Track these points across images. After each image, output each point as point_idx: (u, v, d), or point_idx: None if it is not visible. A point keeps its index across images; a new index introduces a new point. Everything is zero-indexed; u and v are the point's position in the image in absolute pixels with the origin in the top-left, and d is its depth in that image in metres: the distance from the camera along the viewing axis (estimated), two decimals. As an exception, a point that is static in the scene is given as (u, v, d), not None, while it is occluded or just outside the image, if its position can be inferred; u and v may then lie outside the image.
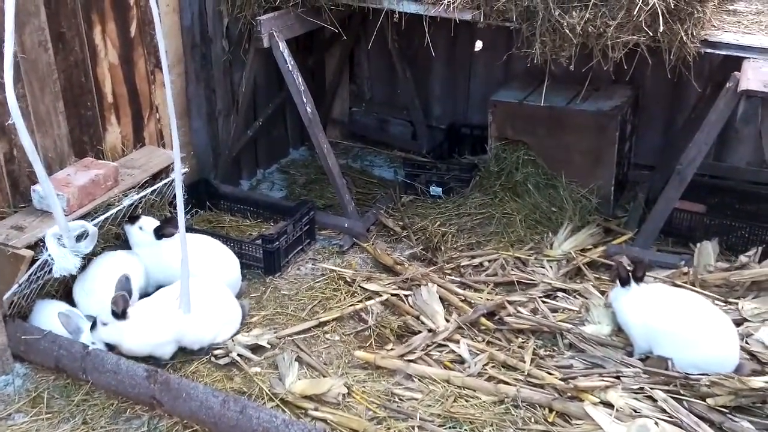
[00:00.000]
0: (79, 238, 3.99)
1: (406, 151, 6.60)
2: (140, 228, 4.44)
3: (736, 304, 4.35)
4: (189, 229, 4.94)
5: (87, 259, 4.21)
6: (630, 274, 4.12)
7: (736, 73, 4.35)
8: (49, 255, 3.87)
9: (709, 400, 3.64)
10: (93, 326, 3.95)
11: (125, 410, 3.77)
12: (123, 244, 4.57)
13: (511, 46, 4.91)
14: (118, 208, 4.34)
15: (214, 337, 4.18)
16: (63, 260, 3.87)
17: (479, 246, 5.21)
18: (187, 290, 3.95)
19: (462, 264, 4.96)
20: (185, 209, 5.08)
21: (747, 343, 4.04)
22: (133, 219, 4.45)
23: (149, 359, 4.01)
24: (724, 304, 4.37)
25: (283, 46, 5.09)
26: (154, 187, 4.57)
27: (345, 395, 3.82)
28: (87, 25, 4.54)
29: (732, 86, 4.33)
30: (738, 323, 4.14)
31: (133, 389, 3.73)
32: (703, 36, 4.46)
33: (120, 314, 3.88)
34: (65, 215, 4.12)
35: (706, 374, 3.74)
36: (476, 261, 5.01)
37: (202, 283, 4.18)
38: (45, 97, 4.30)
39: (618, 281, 4.16)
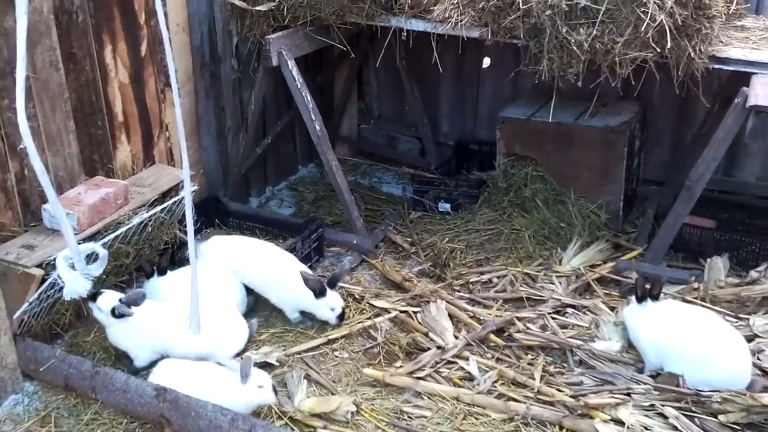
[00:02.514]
0: (90, 260, 4.00)
1: (414, 168, 6.61)
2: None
3: (747, 319, 4.32)
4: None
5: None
6: (645, 290, 4.09)
7: (744, 88, 4.34)
8: (60, 278, 3.88)
9: (721, 417, 3.61)
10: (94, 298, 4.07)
11: (134, 429, 3.76)
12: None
13: (519, 63, 4.93)
14: (128, 226, 4.36)
15: (207, 354, 4.12)
16: (74, 283, 3.88)
17: (488, 262, 5.21)
18: (196, 310, 3.95)
19: (471, 280, 4.95)
20: (195, 227, 5.13)
21: (759, 359, 4.01)
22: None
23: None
24: (734, 319, 4.34)
25: (291, 64, 5.13)
26: (164, 205, 4.59)
27: (354, 413, 3.80)
28: (98, 44, 4.59)
29: (740, 102, 4.33)
30: (749, 339, 4.11)
31: (142, 408, 3.73)
32: (711, 52, 4.47)
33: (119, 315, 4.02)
34: (75, 233, 4.15)
35: (718, 391, 3.70)
36: (485, 277, 5.00)
37: (203, 303, 4.15)
38: (56, 116, 4.34)
39: (635, 297, 4.14)
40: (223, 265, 4.69)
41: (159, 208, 4.55)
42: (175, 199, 4.64)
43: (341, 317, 4.52)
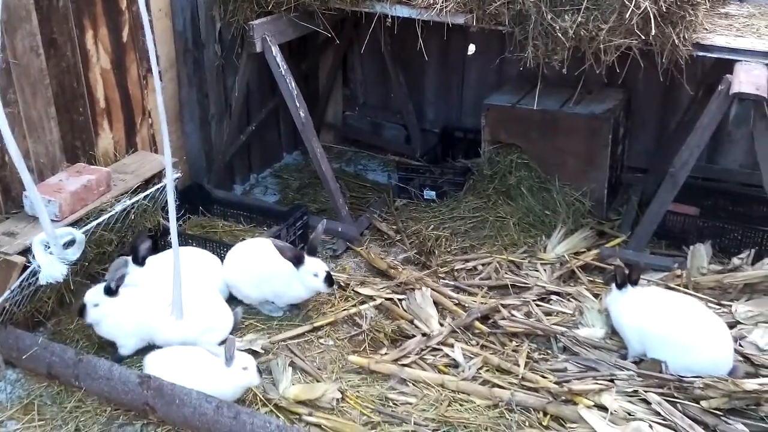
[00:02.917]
0: (67, 245, 3.97)
1: (399, 155, 6.60)
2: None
3: (730, 306, 4.36)
4: (180, 235, 4.95)
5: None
6: (625, 276, 4.12)
7: (728, 75, 4.36)
8: (36, 262, 3.84)
9: (704, 403, 3.64)
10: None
11: (118, 417, 3.75)
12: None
13: (504, 50, 4.91)
14: (111, 213, 4.32)
15: (193, 341, 4.08)
16: (50, 268, 3.84)
17: (473, 249, 5.21)
18: (179, 296, 3.93)
19: (456, 268, 4.96)
20: (178, 215, 5.10)
21: (740, 345, 4.04)
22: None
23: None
24: (717, 306, 4.37)
25: (275, 50, 5.09)
26: (147, 192, 4.55)
27: (339, 400, 3.80)
28: (79, 30, 4.52)
29: (724, 89, 4.34)
30: (731, 326, 4.15)
31: (125, 395, 3.71)
32: (695, 39, 4.48)
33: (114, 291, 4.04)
34: (57, 221, 4.11)
35: (700, 377, 3.74)
36: (470, 264, 5.01)
37: (187, 289, 4.13)
38: (37, 103, 4.28)
39: (614, 284, 4.17)
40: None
41: (142, 195, 4.51)
42: (158, 186, 4.60)
43: (329, 281, 4.32)
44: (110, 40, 4.75)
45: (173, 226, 3.87)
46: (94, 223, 4.24)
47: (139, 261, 4.38)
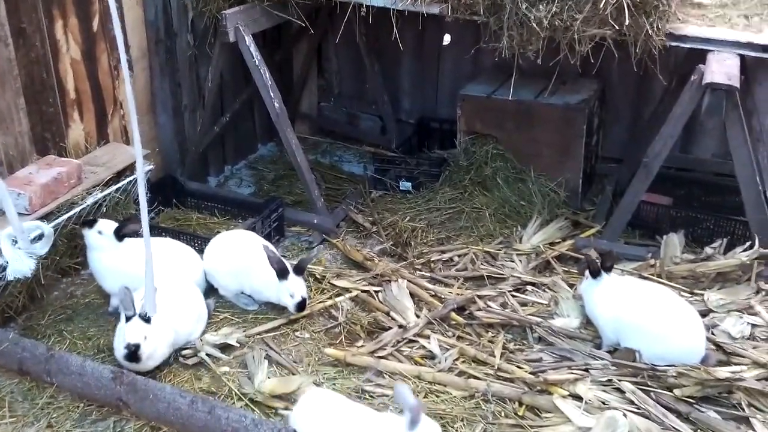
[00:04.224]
0: (35, 239, 3.90)
1: (375, 146, 6.57)
2: (99, 232, 4.24)
3: (702, 295, 4.40)
4: (153, 228, 4.89)
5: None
6: (599, 265, 4.15)
7: (700, 66, 4.39)
8: (3, 257, 3.78)
9: (676, 391, 3.68)
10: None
11: (91, 413, 3.69)
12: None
13: (479, 40, 4.90)
14: (82, 206, 4.27)
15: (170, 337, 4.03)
16: (17, 262, 3.79)
17: (449, 241, 5.21)
18: (152, 291, 3.88)
19: (432, 259, 4.96)
20: (151, 207, 5.04)
21: (713, 333, 4.08)
22: (90, 222, 4.25)
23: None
24: (690, 295, 4.42)
25: (249, 40, 5.03)
26: (119, 184, 4.51)
27: (315, 393, 3.79)
28: (48, 20, 4.45)
29: (697, 79, 4.37)
30: (704, 314, 4.19)
31: (99, 391, 3.67)
32: (669, 29, 4.50)
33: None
34: (28, 214, 4.05)
35: (673, 365, 3.77)
36: (446, 256, 5.01)
37: (162, 285, 4.07)
38: (5, 94, 4.21)
39: (588, 273, 4.19)
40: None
41: (114, 187, 4.47)
42: (131, 178, 4.56)
43: (301, 307, 4.29)
44: (80, 29, 4.68)
45: (145, 219, 3.80)
46: (65, 216, 4.19)
47: (119, 236, 4.29)
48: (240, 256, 4.46)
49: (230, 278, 4.51)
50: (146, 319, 3.77)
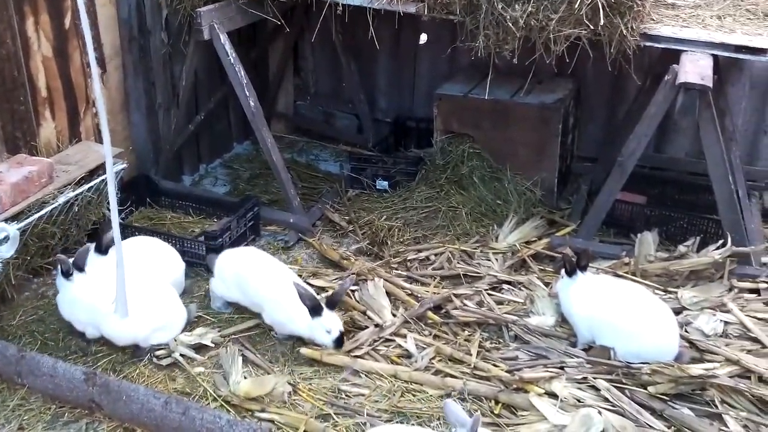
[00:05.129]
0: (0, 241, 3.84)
1: (351, 145, 6.55)
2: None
3: (676, 293, 4.45)
4: (127, 227, 4.85)
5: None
6: (575, 263, 4.17)
7: (674, 66, 4.42)
8: None
9: (651, 388, 3.71)
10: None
11: (63, 414, 3.65)
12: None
13: (456, 40, 4.90)
14: (54, 205, 4.21)
15: (143, 339, 4.02)
16: None
17: (425, 240, 5.21)
18: (123, 292, 3.83)
19: (408, 258, 4.95)
20: (124, 206, 4.99)
21: (686, 331, 4.13)
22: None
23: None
24: (663, 293, 4.46)
25: (224, 38, 4.99)
26: (91, 183, 4.44)
27: (291, 393, 3.76)
28: (19, 16, 4.38)
29: (670, 79, 4.40)
30: (677, 312, 4.23)
31: (71, 392, 3.62)
32: (643, 29, 4.53)
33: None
34: (-3, 213, 3.98)
35: (647, 363, 3.80)
36: (422, 255, 5.01)
37: (138, 286, 4.02)
38: (-26, 92, 4.14)
39: (564, 271, 4.21)
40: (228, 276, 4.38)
41: (86, 186, 4.41)
42: (103, 177, 4.47)
43: (339, 343, 4.04)
44: (52, 27, 4.61)
45: (115, 219, 3.74)
46: (36, 215, 4.12)
47: (102, 250, 4.24)
48: (260, 280, 4.22)
49: (236, 292, 4.31)
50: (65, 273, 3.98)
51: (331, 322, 4.02)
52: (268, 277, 4.23)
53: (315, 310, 3.98)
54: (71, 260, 4.04)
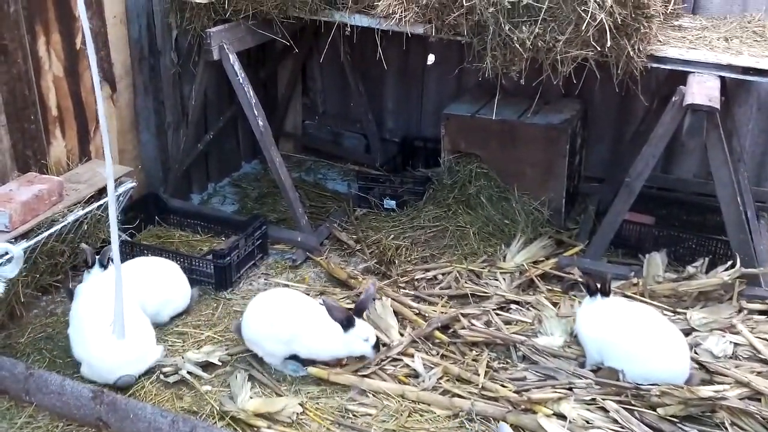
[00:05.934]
0: (3, 262, 3.85)
1: (359, 164, 6.58)
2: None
3: (685, 314, 4.42)
4: (135, 245, 4.86)
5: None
6: (597, 287, 4.12)
7: (681, 87, 4.43)
8: None
9: (660, 410, 3.68)
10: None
11: (70, 433, 3.66)
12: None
13: (463, 60, 4.93)
14: (63, 224, 4.23)
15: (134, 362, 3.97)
16: None
17: (433, 259, 5.21)
18: (121, 315, 3.83)
19: (416, 277, 4.95)
20: (133, 224, 5.01)
21: (696, 352, 4.10)
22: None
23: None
24: (672, 314, 4.44)
25: (233, 58, 5.04)
26: (100, 202, 4.47)
27: (299, 413, 3.75)
28: (31, 36, 4.43)
29: (678, 100, 4.41)
30: (686, 333, 4.21)
31: (78, 411, 3.62)
32: (650, 51, 4.54)
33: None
34: (7, 232, 4.01)
35: (657, 385, 3.77)
36: (430, 274, 5.00)
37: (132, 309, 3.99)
38: (-14, 111, 4.18)
39: (587, 291, 4.17)
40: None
41: (95, 205, 4.43)
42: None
43: (377, 347, 4.04)
44: (63, 46, 4.66)
45: (114, 239, 3.74)
46: (46, 233, 4.15)
47: (104, 264, 4.22)
48: (287, 319, 4.06)
49: (278, 345, 4.10)
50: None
51: (366, 330, 3.99)
52: (300, 312, 4.10)
53: (349, 322, 3.93)
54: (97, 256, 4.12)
